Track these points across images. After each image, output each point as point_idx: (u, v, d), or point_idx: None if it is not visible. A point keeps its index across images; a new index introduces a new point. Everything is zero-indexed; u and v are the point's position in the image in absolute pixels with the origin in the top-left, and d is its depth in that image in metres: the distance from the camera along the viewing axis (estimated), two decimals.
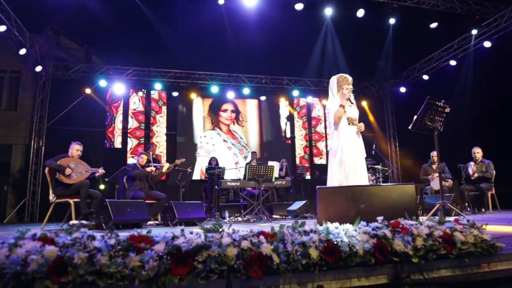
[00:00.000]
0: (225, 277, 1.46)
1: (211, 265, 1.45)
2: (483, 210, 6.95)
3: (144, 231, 1.63)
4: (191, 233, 1.62)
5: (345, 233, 1.73)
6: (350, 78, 3.95)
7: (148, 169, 6.56)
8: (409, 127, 4.03)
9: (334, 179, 3.63)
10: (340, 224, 1.84)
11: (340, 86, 3.90)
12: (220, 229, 1.62)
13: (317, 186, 2.64)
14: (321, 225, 1.83)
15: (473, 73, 9.80)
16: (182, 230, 1.61)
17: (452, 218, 2.13)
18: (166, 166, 7.05)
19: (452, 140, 8.47)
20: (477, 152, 7.25)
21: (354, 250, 1.65)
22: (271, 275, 1.53)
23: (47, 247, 1.45)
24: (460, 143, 8.60)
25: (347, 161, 3.58)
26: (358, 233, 1.75)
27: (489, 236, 1.93)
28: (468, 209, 7.03)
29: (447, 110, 3.99)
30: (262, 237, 1.58)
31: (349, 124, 3.74)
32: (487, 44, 9.30)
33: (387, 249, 1.70)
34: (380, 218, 1.90)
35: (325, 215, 2.49)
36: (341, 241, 1.66)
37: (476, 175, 7.06)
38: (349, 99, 3.86)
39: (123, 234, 1.58)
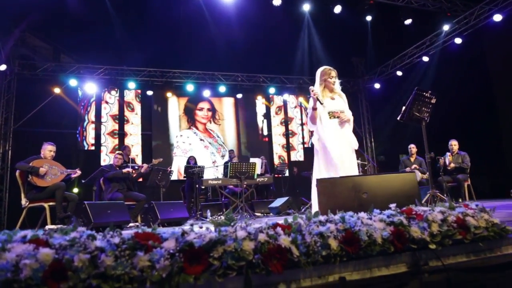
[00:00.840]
0: (243, 273, 1.34)
1: (228, 261, 1.33)
2: (460, 200, 7.12)
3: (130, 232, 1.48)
4: (201, 227, 1.49)
5: (361, 221, 1.65)
6: (334, 72, 3.85)
7: (125, 170, 6.32)
8: (398, 118, 4.03)
9: (321, 174, 3.55)
10: None
11: (322, 79, 3.82)
12: (233, 222, 1.50)
13: (316, 178, 2.56)
14: None
15: (445, 68, 10.05)
16: (192, 225, 1.48)
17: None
18: (144, 167, 6.81)
19: (429, 133, 8.64)
20: (454, 144, 7.43)
21: (373, 238, 1.58)
22: (291, 269, 1.43)
23: (41, 249, 1.28)
24: (435, 136, 8.80)
25: (332, 154, 3.49)
26: (373, 221, 1.68)
27: (498, 219, 1.91)
28: (446, 199, 7.18)
29: (433, 101, 4.02)
30: (279, 229, 1.47)
31: (330, 118, 3.64)
32: (458, 40, 9.55)
33: (405, 236, 1.64)
34: (393, 205, 1.84)
35: (326, 207, 2.40)
36: (359, 229, 1.58)
37: (452, 165, 7.23)
38: (333, 91, 3.80)
39: (126, 233, 1.43)
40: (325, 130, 3.57)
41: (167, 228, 1.52)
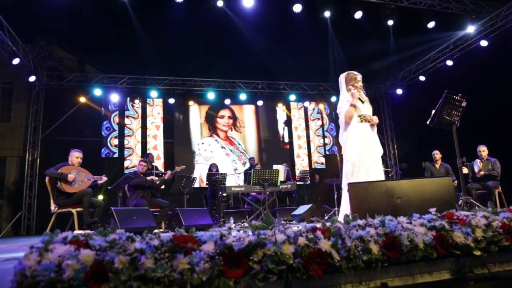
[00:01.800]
0: (283, 277, 1.30)
1: (268, 265, 1.30)
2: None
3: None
4: (239, 231, 1.47)
5: (402, 226, 1.59)
6: (359, 76, 3.83)
7: (149, 178, 6.38)
8: (427, 122, 3.92)
9: (348, 178, 3.50)
10: None
11: (349, 84, 3.79)
12: (271, 226, 1.47)
13: (348, 182, 2.51)
14: None
15: (470, 72, 9.81)
16: (230, 228, 1.46)
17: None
18: (168, 174, 6.87)
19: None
20: (483, 150, 7.18)
21: (415, 243, 1.52)
22: (331, 273, 1.38)
23: (83, 251, 1.28)
24: (463, 142, 8.57)
25: (360, 157, 3.45)
26: (414, 226, 1.62)
27: None
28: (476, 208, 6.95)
29: (464, 104, 3.91)
30: (319, 232, 1.44)
31: (361, 121, 3.62)
32: (484, 43, 9.31)
33: (448, 241, 1.57)
34: (433, 210, 1.77)
35: (358, 212, 2.33)
36: (400, 234, 1.53)
37: (482, 172, 6.99)
38: (361, 95, 3.76)
39: (165, 235, 1.42)
40: (352, 134, 3.53)
41: (200, 232, 1.50)
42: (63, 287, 1.19)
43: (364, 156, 3.47)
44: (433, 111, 3.82)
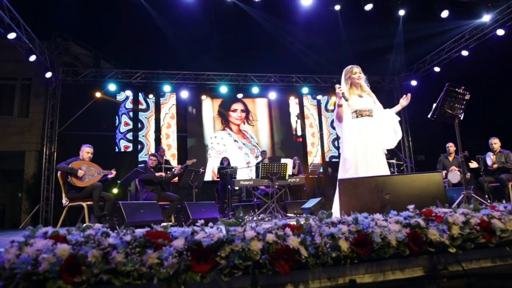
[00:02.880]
0: (250, 273, 1.35)
1: (234, 261, 1.34)
2: (503, 201, 6.72)
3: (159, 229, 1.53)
4: (212, 227, 1.52)
5: (376, 223, 1.61)
6: (355, 68, 3.71)
7: (158, 174, 6.47)
8: (428, 116, 3.87)
9: (342, 174, 3.49)
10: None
11: (346, 77, 3.73)
12: (243, 223, 1.51)
13: (338, 178, 2.53)
14: None
15: (487, 62, 9.55)
16: (202, 225, 1.51)
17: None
18: (177, 168, 6.99)
19: (468, 131, 8.26)
20: (495, 142, 7.02)
21: (387, 240, 1.54)
22: (299, 269, 1.42)
23: (59, 245, 1.36)
24: (475, 134, 8.39)
25: (351, 155, 3.41)
26: (389, 223, 1.63)
27: None
28: (489, 201, 6.81)
29: (467, 97, 3.83)
30: (288, 230, 1.47)
31: (357, 117, 3.54)
32: (500, 32, 9.02)
33: (421, 239, 1.58)
34: (411, 207, 1.78)
35: (348, 208, 2.35)
36: (372, 231, 1.54)
37: (495, 165, 6.84)
38: (360, 89, 3.69)
39: (139, 231, 1.49)
40: (350, 129, 3.49)
41: (173, 228, 1.56)
42: (38, 279, 1.27)
43: (361, 153, 3.41)
44: (434, 105, 3.76)
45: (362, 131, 3.42)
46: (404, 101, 3.73)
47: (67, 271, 1.30)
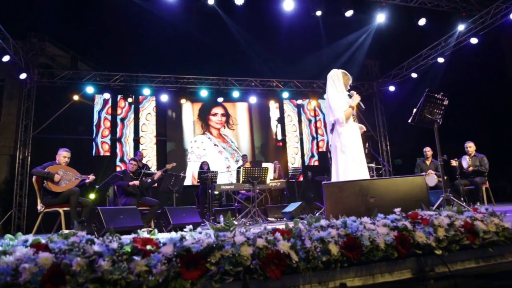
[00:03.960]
0: (241, 279, 1.33)
1: (225, 267, 1.32)
2: (478, 204, 6.91)
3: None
4: (200, 233, 1.49)
5: (364, 226, 1.62)
6: (351, 78, 3.95)
7: (131, 183, 6.28)
8: (409, 121, 3.96)
9: (348, 175, 3.56)
10: None
11: (344, 84, 3.86)
12: (232, 228, 1.49)
13: (323, 182, 2.54)
14: None
15: (461, 69, 9.86)
16: (191, 230, 1.48)
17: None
18: (158, 174, 6.87)
19: (444, 135, 8.48)
20: (470, 146, 7.24)
21: (376, 244, 1.54)
22: (290, 274, 1.41)
23: (41, 254, 1.30)
24: (451, 138, 8.61)
25: (356, 158, 3.57)
26: (377, 226, 1.64)
27: (510, 224, 1.85)
28: (464, 203, 7.00)
29: (446, 102, 3.93)
30: (278, 234, 1.46)
31: (354, 121, 3.75)
32: (474, 40, 9.35)
33: (409, 241, 1.60)
34: (397, 210, 1.80)
35: (333, 212, 2.37)
36: (361, 235, 1.55)
37: (471, 168, 7.04)
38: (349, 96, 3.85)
39: (125, 237, 1.44)
40: (351, 133, 3.64)
41: (161, 234, 1.52)
42: None
43: (359, 154, 3.61)
44: (415, 110, 3.85)
45: (358, 134, 3.65)
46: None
47: (50, 281, 1.24)
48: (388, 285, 1.52)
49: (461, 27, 9.29)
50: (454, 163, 7.11)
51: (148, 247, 1.36)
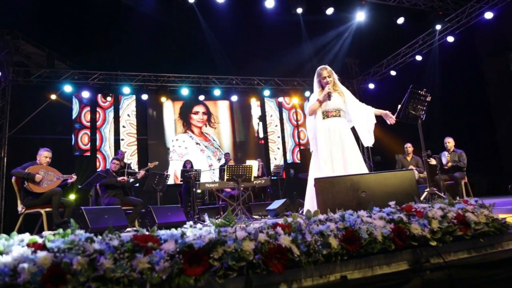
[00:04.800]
0: (244, 274, 1.32)
1: (228, 262, 1.31)
2: (457, 198, 7.11)
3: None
4: (200, 229, 1.48)
5: (361, 219, 1.64)
6: (325, 71, 3.76)
7: (120, 178, 6.22)
8: (393, 117, 4.02)
9: (315, 173, 3.55)
10: None
11: (317, 81, 3.81)
12: (232, 223, 1.49)
13: (314, 177, 2.56)
14: None
15: (439, 67, 10.11)
16: (191, 226, 1.47)
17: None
18: (141, 173, 6.78)
19: (423, 131, 8.68)
20: (449, 141, 7.43)
21: (374, 236, 1.57)
22: (292, 268, 1.42)
23: (40, 253, 1.26)
24: (431, 134, 8.83)
25: (321, 154, 3.50)
26: (373, 219, 1.67)
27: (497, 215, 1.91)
28: (444, 197, 7.19)
29: (428, 98, 4.03)
30: (279, 229, 1.46)
31: (323, 118, 3.63)
32: (450, 39, 9.61)
33: (405, 233, 1.63)
34: (392, 203, 1.83)
35: (324, 207, 2.39)
36: (360, 228, 1.57)
37: (450, 164, 7.23)
38: (334, 86, 3.74)
39: (125, 235, 1.41)
40: (318, 130, 3.57)
41: (161, 231, 1.50)
42: None
43: (334, 152, 3.50)
44: (399, 106, 3.92)
45: (330, 131, 3.51)
46: (388, 115, 3.76)
47: (50, 281, 1.21)
48: (386, 276, 1.55)
49: (438, 26, 9.51)
50: (433, 161, 7.26)
51: (149, 244, 1.34)
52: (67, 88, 9.90)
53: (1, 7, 8.41)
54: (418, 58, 10.54)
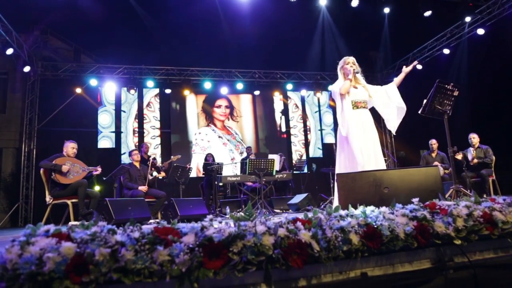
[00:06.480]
0: (263, 268, 1.32)
1: (247, 256, 1.32)
2: (484, 196, 6.90)
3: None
4: (220, 222, 1.48)
5: (383, 216, 1.61)
6: (351, 58, 3.86)
7: (140, 188, 6.13)
8: (419, 112, 3.93)
9: (342, 166, 3.50)
10: None
11: (341, 67, 3.86)
12: (252, 217, 1.48)
13: (336, 173, 2.53)
14: None
15: (467, 61, 9.78)
16: (211, 220, 1.47)
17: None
18: (161, 174, 6.95)
19: (450, 128, 8.44)
20: (473, 137, 7.19)
21: (395, 233, 1.54)
22: (311, 264, 1.40)
23: (64, 243, 1.30)
24: (457, 130, 8.57)
25: (353, 145, 3.44)
26: (396, 216, 1.64)
27: None
28: (470, 194, 6.99)
29: (456, 93, 3.90)
30: (299, 224, 1.45)
31: (353, 108, 3.61)
32: (481, 31, 9.25)
33: (428, 231, 1.59)
34: (416, 200, 1.79)
35: (345, 202, 2.35)
36: (381, 224, 1.54)
37: (475, 160, 7.00)
38: (355, 80, 3.76)
39: (146, 227, 1.44)
40: (348, 120, 3.54)
41: (181, 224, 1.52)
42: (44, 279, 1.21)
43: (356, 144, 3.45)
44: (425, 101, 3.82)
45: (359, 123, 3.49)
46: (407, 68, 3.86)
47: (73, 271, 1.24)
48: (407, 274, 1.52)
49: (467, 18, 9.18)
50: (459, 156, 7.06)
51: (170, 236, 1.35)
52: (93, 82, 10.12)
53: (29, 3, 8.66)
54: (446, 51, 10.21)
